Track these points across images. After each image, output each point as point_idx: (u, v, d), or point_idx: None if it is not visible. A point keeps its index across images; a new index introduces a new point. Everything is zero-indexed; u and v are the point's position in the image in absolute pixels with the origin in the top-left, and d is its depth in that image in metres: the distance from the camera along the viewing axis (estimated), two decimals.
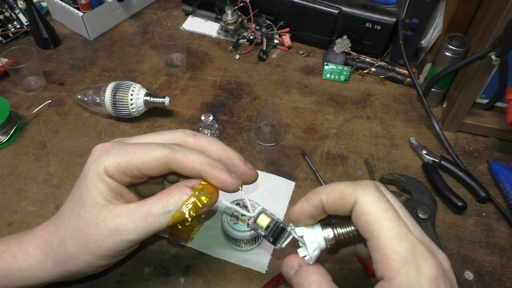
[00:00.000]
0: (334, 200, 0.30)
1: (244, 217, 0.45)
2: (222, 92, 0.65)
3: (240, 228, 0.44)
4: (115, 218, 0.34)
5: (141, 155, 0.33)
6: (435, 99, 0.62)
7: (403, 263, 0.26)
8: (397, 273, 0.26)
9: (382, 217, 0.27)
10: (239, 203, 0.46)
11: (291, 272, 0.32)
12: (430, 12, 0.61)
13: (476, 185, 0.53)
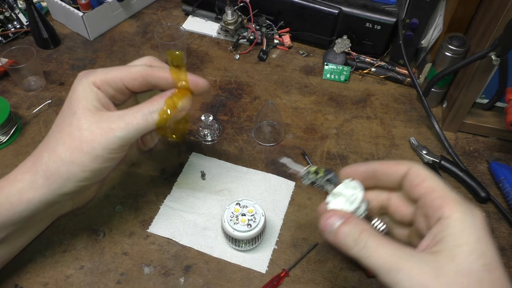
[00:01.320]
0: (388, 166, 0.36)
1: (244, 217, 0.45)
2: (222, 92, 0.65)
3: (240, 228, 0.44)
4: (106, 121, 0.38)
5: (124, 70, 0.40)
6: (435, 99, 0.62)
7: (460, 204, 0.31)
8: (455, 210, 0.31)
9: (436, 178, 0.34)
10: (239, 203, 0.46)
11: (337, 223, 0.34)
12: (430, 12, 0.61)
13: (476, 185, 0.53)
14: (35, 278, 0.44)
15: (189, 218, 0.49)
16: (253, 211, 0.45)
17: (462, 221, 0.31)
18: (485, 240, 0.31)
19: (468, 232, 0.30)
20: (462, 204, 0.31)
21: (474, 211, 0.31)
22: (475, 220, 0.31)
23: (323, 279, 0.45)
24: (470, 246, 0.30)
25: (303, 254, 0.47)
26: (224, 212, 0.46)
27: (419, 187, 0.34)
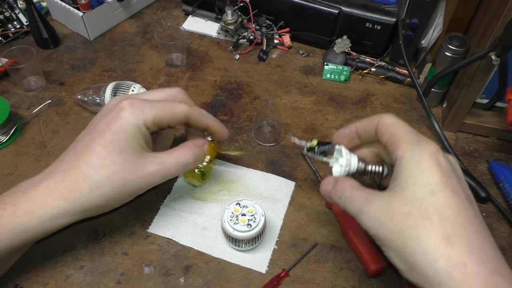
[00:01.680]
0: (364, 123, 0.41)
1: (244, 217, 0.45)
2: (222, 92, 0.65)
3: (240, 228, 0.44)
4: (151, 164, 0.42)
5: (170, 110, 0.43)
6: (435, 99, 0.62)
7: (411, 144, 0.36)
8: (405, 149, 0.36)
9: (398, 124, 0.38)
10: (239, 203, 0.46)
11: (329, 187, 0.41)
12: (430, 12, 0.61)
13: (476, 185, 0.53)
14: (35, 278, 0.44)
15: (189, 218, 0.49)
16: (253, 211, 0.45)
17: (410, 158, 0.35)
18: (430, 170, 0.34)
19: (414, 167, 0.35)
20: (413, 143, 0.36)
21: (423, 146, 0.35)
22: (421, 155, 0.35)
23: (323, 279, 0.45)
24: (415, 178, 0.34)
25: (303, 254, 0.47)
26: (224, 212, 0.45)
27: (384, 135, 0.38)
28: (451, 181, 0.34)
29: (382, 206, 0.35)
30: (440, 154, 0.35)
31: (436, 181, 0.33)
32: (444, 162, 0.35)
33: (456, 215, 0.32)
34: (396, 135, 0.37)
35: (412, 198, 0.34)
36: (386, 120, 0.39)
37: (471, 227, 0.32)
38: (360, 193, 0.38)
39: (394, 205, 0.34)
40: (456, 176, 0.35)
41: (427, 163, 0.34)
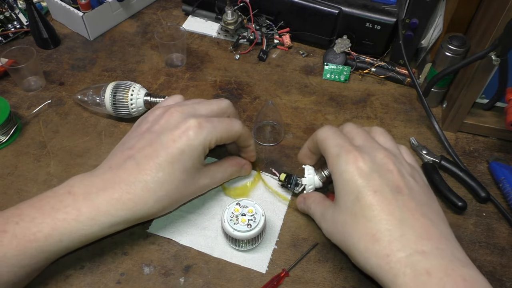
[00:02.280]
0: (310, 142, 0.47)
1: (244, 217, 0.45)
2: (222, 92, 0.65)
3: (240, 228, 0.44)
4: (202, 179, 0.46)
5: (229, 130, 0.45)
6: (435, 99, 0.62)
7: (335, 157, 0.40)
8: (332, 164, 0.41)
9: (325, 138, 0.43)
10: (239, 203, 0.46)
11: (301, 204, 0.48)
12: (430, 12, 0.61)
13: (476, 185, 0.53)
14: (35, 278, 0.44)
15: (189, 218, 0.49)
16: (253, 211, 0.45)
17: (335, 173, 0.40)
18: (351, 179, 0.38)
19: (340, 180, 0.39)
20: (336, 156, 0.40)
21: (343, 158, 0.39)
22: (343, 167, 0.39)
23: (323, 279, 0.45)
24: (343, 189, 0.39)
25: (303, 254, 0.47)
26: (224, 212, 0.45)
27: (321, 151, 0.44)
28: (372, 182, 0.37)
29: (330, 220, 0.41)
30: (360, 158, 0.38)
31: (357, 187, 0.38)
32: (364, 165, 0.38)
33: (378, 213, 0.36)
34: (325, 150, 0.42)
35: (345, 207, 0.38)
36: (318, 135, 0.44)
37: (393, 219, 0.36)
38: (319, 208, 0.44)
39: (335, 217, 0.40)
40: (379, 174, 0.38)
41: (348, 174, 0.38)
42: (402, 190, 0.38)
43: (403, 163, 0.41)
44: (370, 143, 0.42)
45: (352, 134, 0.44)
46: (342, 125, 0.47)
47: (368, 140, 0.42)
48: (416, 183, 0.39)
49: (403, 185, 0.38)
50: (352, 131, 0.44)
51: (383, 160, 0.39)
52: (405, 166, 0.40)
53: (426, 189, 0.40)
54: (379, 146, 0.41)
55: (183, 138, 0.41)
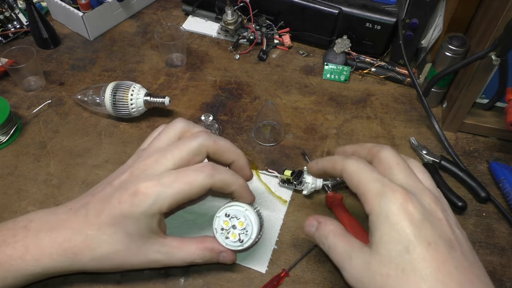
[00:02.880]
0: (330, 165, 0.41)
1: (234, 232, 0.42)
2: (222, 92, 0.65)
3: (231, 243, 0.42)
4: (155, 253, 0.40)
5: (188, 189, 0.38)
6: (435, 99, 0.62)
7: (377, 196, 0.34)
8: (373, 204, 0.35)
9: (361, 171, 0.37)
10: (228, 214, 0.42)
11: (313, 229, 0.41)
12: (430, 12, 0.61)
13: (476, 185, 0.53)
14: None
15: (189, 217, 0.49)
16: (244, 224, 0.42)
17: (378, 214, 0.34)
18: (400, 224, 0.33)
19: (384, 224, 0.34)
20: (379, 195, 0.34)
21: (389, 197, 0.34)
22: (389, 208, 0.33)
23: (323, 279, 0.45)
24: (387, 235, 0.33)
25: (303, 254, 0.47)
26: (215, 222, 0.42)
27: (351, 185, 0.38)
28: (424, 232, 0.32)
29: (362, 265, 0.35)
30: (409, 201, 0.33)
31: (408, 236, 0.32)
32: (414, 210, 0.33)
33: (434, 271, 0.31)
34: (361, 187, 0.36)
35: (389, 257, 0.33)
36: (349, 168, 0.38)
37: (450, 280, 0.31)
38: (342, 245, 0.37)
39: (373, 265, 0.34)
40: (431, 223, 0.33)
41: (395, 218, 0.33)
42: (454, 245, 0.33)
43: (447, 211, 0.36)
44: (414, 182, 0.36)
45: (390, 164, 0.38)
46: (376, 148, 0.40)
47: (411, 178, 0.37)
48: (463, 237, 0.35)
49: (454, 238, 0.33)
50: (391, 161, 0.38)
51: (431, 206, 0.34)
52: (450, 215, 0.36)
53: (469, 242, 0.35)
54: (425, 188, 0.36)
55: (127, 202, 0.38)
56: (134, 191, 0.38)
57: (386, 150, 0.39)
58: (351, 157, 0.39)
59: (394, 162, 0.37)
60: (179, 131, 0.42)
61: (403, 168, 0.37)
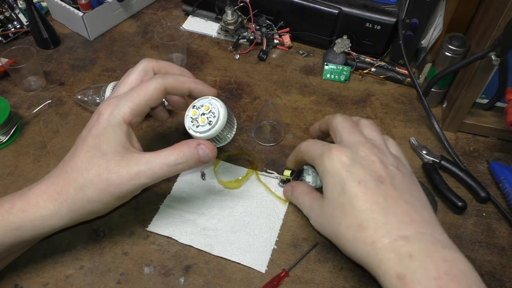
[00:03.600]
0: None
1: (203, 117, 0.43)
2: (222, 92, 0.65)
3: (203, 129, 0.43)
4: (135, 165, 0.40)
5: (145, 93, 0.41)
6: (435, 99, 0.62)
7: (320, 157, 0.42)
8: (319, 163, 0.43)
9: (308, 147, 0.46)
10: (195, 104, 0.44)
11: (289, 193, 0.50)
12: (430, 12, 0.61)
13: (476, 185, 0.53)
14: (35, 278, 0.44)
15: (189, 217, 0.49)
16: (209, 107, 0.44)
17: (324, 170, 0.41)
18: (336, 172, 0.40)
19: (326, 175, 0.41)
20: (321, 157, 0.42)
21: (326, 155, 0.41)
22: (328, 162, 0.41)
23: (323, 279, 0.45)
24: (329, 183, 0.41)
25: (303, 254, 0.47)
26: (185, 120, 0.44)
27: (308, 160, 0.46)
28: (355, 173, 0.39)
29: (319, 211, 0.43)
30: (343, 153, 0.40)
31: (342, 179, 0.39)
32: (346, 158, 0.40)
33: (363, 203, 0.38)
34: (310, 157, 0.45)
35: (332, 199, 0.40)
36: (302, 148, 0.47)
37: (378, 208, 0.37)
38: (308, 200, 0.46)
39: (324, 209, 0.41)
40: (361, 165, 0.39)
41: (332, 168, 0.40)
42: (384, 179, 0.39)
43: (386, 154, 0.42)
44: (354, 137, 0.43)
45: (338, 128, 0.45)
46: (332, 117, 0.47)
47: (352, 134, 0.43)
48: (399, 172, 0.40)
49: (385, 174, 0.39)
50: (338, 126, 0.45)
51: (365, 152, 0.41)
52: (387, 157, 0.41)
53: (409, 177, 0.41)
54: (362, 139, 0.42)
55: (95, 124, 0.41)
56: (98, 113, 0.41)
57: (335, 118, 0.46)
58: (306, 140, 0.47)
59: (340, 126, 0.44)
60: (145, 65, 0.45)
61: (347, 129, 0.44)
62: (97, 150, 0.40)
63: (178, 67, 0.47)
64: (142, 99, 0.41)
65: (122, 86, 0.44)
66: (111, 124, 0.40)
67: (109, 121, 0.40)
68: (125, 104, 0.41)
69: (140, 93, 0.41)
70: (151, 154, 0.41)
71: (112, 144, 0.40)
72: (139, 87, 0.42)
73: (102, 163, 0.39)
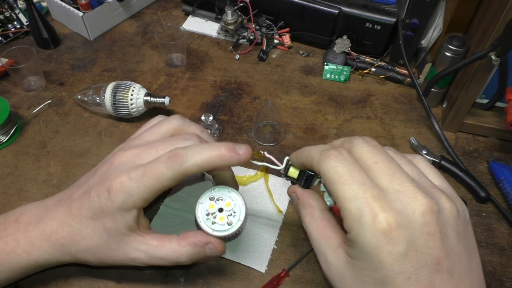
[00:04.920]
0: (307, 164, 0.36)
1: (222, 215, 0.40)
2: (222, 92, 0.65)
3: (219, 228, 0.39)
4: (134, 251, 0.39)
5: (159, 183, 0.37)
6: (435, 99, 0.62)
7: (356, 220, 0.30)
8: (351, 227, 0.30)
9: (337, 186, 0.31)
10: (213, 196, 0.40)
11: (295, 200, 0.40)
12: (430, 12, 0.61)
13: (476, 185, 0.53)
14: (35, 278, 0.44)
15: (189, 217, 0.49)
16: (231, 204, 0.40)
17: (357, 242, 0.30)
18: (377, 258, 0.29)
19: (362, 252, 0.30)
20: (357, 220, 0.29)
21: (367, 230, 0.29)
22: (368, 240, 0.29)
23: (323, 279, 0.45)
24: (364, 263, 0.30)
25: (303, 254, 0.47)
26: (198, 209, 0.40)
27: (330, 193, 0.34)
28: (405, 264, 0.28)
29: (337, 274, 0.33)
30: (391, 228, 0.28)
31: (386, 271, 0.29)
32: (397, 240, 0.28)
33: None
34: (338, 202, 0.31)
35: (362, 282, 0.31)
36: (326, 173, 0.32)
37: None
38: (319, 238, 0.35)
39: (347, 280, 0.32)
40: (416, 251, 0.29)
41: (374, 251, 0.29)
42: (442, 265, 0.29)
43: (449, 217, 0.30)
44: (401, 184, 0.30)
45: (367, 164, 0.31)
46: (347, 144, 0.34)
47: (397, 179, 0.30)
48: (458, 241, 0.30)
49: (443, 256, 0.29)
50: (367, 159, 0.32)
51: (424, 218, 0.29)
52: (450, 219, 0.30)
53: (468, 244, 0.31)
54: (417, 190, 0.30)
55: (103, 197, 0.37)
56: (108, 186, 0.37)
57: (358, 147, 0.33)
58: (329, 153, 0.32)
59: (371, 162, 0.31)
60: (173, 128, 0.42)
61: (384, 168, 0.31)
62: (101, 223, 0.38)
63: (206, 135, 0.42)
64: (155, 189, 0.37)
65: (151, 134, 0.41)
66: (120, 209, 0.37)
67: (119, 206, 0.37)
68: (137, 193, 0.37)
69: (154, 182, 0.37)
70: (153, 241, 0.39)
71: (118, 225, 0.38)
72: (153, 173, 0.36)
73: (103, 237, 0.38)
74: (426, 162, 0.35)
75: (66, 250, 0.39)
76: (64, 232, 0.39)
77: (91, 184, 0.40)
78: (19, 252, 0.39)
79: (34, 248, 0.39)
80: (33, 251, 0.39)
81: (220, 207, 0.40)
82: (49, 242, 0.39)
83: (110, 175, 0.38)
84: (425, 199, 0.29)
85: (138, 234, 0.39)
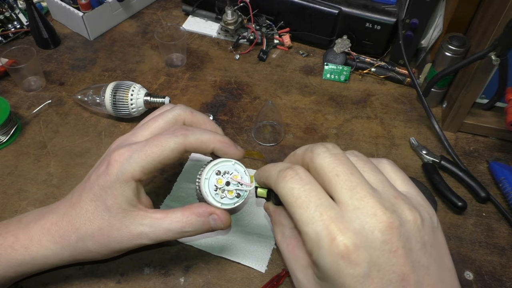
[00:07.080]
0: (268, 184, 0.35)
1: (230, 188, 0.39)
2: (222, 92, 0.65)
3: (228, 201, 0.39)
4: (138, 226, 0.38)
5: (161, 151, 0.37)
6: (435, 99, 0.62)
7: (315, 245, 0.28)
8: (310, 252, 0.29)
9: (294, 206, 0.30)
10: (219, 170, 0.39)
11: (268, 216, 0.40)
12: (430, 12, 0.61)
13: (476, 185, 0.53)
14: (35, 278, 0.44)
15: None
16: (239, 177, 0.39)
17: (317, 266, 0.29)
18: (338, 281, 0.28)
19: (323, 275, 0.29)
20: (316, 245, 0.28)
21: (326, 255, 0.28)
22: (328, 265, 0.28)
23: None
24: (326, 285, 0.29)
25: None
26: (205, 184, 0.38)
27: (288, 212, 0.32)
28: (368, 285, 0.27)
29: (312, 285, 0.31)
30: (350, 251, 0.27)
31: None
32: (357, 261, 0.27)
33: None
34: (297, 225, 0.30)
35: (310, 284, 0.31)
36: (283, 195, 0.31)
37: None
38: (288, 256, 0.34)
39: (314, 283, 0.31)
40: (378, 271, 0.27)
41: (335, 275, 0.28)
42: (408, 281, 0.27)
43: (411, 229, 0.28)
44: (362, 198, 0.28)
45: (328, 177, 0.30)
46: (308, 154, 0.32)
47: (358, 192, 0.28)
48: (424, 252, 0.29)
49: (409, 271, 0.27)
50: (327, 172, 0.30)
51: (384, 236, 0.27)
52: (413, 233, 0.28)
53: (437, 252, 0.30)
54: (378, 205, 0.28)
55: (103, 174, 0.37)
56: (107, 162, 0.38)
57: (319, 157, 0.30)
58: (285, 173, 0.31)
59: (332, 174, 0.29)
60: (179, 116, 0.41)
61: (345, 181, 0.29)
62: (102, 202, 0.38)
63: (211, 123, 0.42)
64: (156, 158, 0.37)
65: (144, 130, 0.40)
66: (119, 180, 0.37)
67: (117, 176, 0.37)
68: (137, 161, 0.37)
69: (155, 150, 0.37)
70: (157, 214, 0.39)
71: (118, 199, 0.37)
72: (155, 142, 0.37)
73: (105, 217, 0.38)
74: (393, 166, 0.33)
75: (66, 241, 0.39)
76: (64, 222, 0.39)
77: (91, 172, 0.40)
78: (17, 248, 0.39)
79: (33, 243, 0.39)
80: (31, 246, 0.39)
81: (227, 181, 0.39)
82: (48, 236, 0.39)
83: (108, 155, 0.39)
84: (385, 215, 0.28)
85: (140, 209, 0.39)
